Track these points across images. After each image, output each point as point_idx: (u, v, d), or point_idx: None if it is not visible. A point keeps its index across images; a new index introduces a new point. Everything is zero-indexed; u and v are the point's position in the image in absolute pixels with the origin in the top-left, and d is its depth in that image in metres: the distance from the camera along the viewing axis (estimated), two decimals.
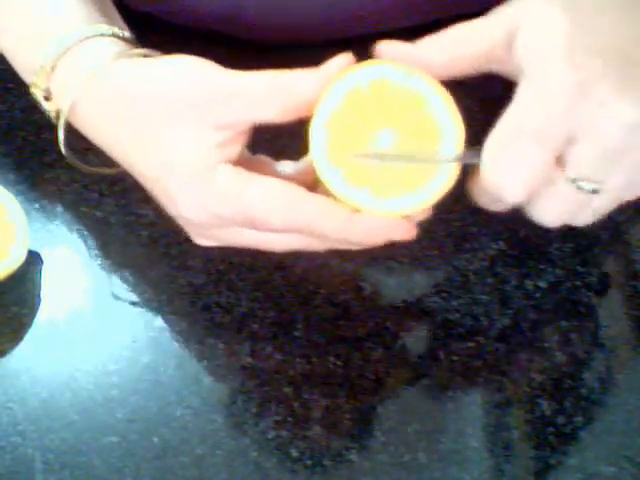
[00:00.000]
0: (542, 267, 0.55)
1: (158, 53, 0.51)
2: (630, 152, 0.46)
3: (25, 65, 0.53)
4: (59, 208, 0.57)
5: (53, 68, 0.51)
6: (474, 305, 0.53)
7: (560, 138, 0.45)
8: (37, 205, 0.57)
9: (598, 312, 0.54)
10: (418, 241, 0.55)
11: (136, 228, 0.56)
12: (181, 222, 0.51)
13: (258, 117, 0.48)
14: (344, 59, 0.47)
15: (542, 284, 0.54)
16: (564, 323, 0.53)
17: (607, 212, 0.49)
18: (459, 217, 0.57)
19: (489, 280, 0.54)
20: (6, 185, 0.56)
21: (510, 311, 0.53)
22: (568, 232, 0.56)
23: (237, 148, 0.49)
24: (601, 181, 0.46)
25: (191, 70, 0.48)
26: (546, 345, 0.52)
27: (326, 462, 0.48)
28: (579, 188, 0.46)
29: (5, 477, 0.48)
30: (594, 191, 0.46)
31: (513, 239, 0.56)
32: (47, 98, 0.52)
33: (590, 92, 0.44)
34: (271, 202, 0.47)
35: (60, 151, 0.53)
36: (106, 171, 0.55)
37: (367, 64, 0.47)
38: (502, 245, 0.56)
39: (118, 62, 0.50)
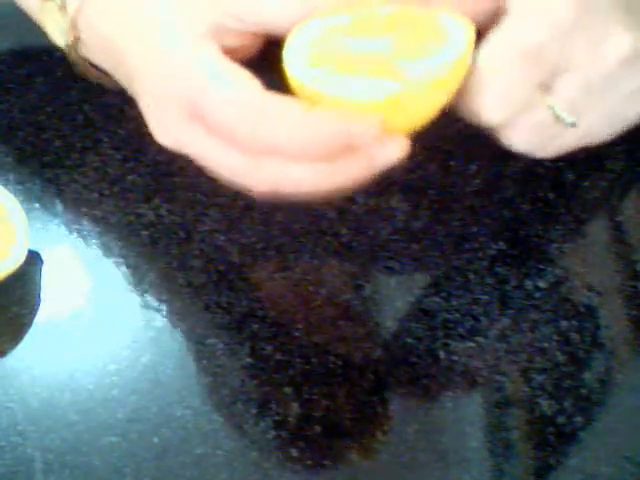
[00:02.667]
0: (542, 267, 0.55)
1: None
2: (615, 87, 0.46)
3: None
4: (59, 208, 0.57)
5: None
6: (474, 305, 0.53)
7: (552, 63, 0.45)
8: (37, 205, 0.57)
9: (598, 312, 0.54)
10: (418, 241, 0.56)
11: (136, 228, 0.56)
12: (148, 113, 0.50)
13: (274, 25, 0.47)
14: None
15: (542, 284, 0.54)
16: (564, 323, 0.53)
17: (571, 150, 0.48)
18: (459, 217, 0.57)
19: (489, 280, 0.54)
20: (6, 185, 0.56)
21: (510, 311, 0.53)
22: (568, 232, 0.56)
23: (234, 41, 0.48)
24: (580, 113, 0.46)
25: None
26: (546, 345, 0.52)
27: (326, 462, 0.48)
28: (558, 117, 0.46)
29: (5, 477, 0.48)
30: (572, 124, 0.46)
31: (513, 239, 0.56)
32: (61, 9, 0.52)
33: (592, 19, 0.45)
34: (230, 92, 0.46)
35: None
36: (106, 81, 0.55)
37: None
38: (502, 245, 0.56)
39: None
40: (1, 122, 0.61)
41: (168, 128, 0.49)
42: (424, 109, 0.46)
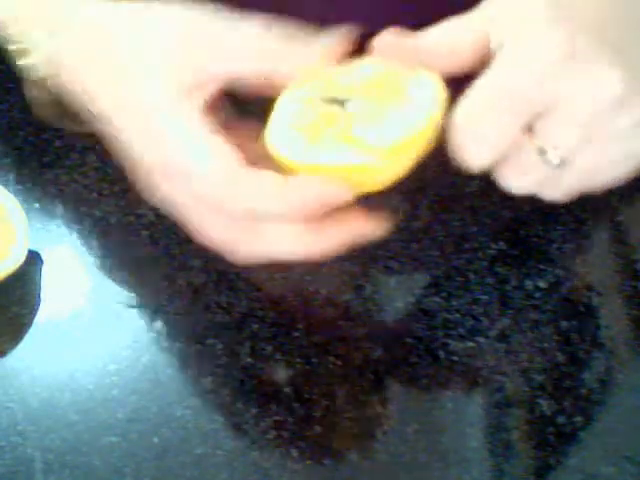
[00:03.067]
0: (542, 267, 0.55)
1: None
2: (608, 127, 0.45)
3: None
4: (59, 208, 0.57)
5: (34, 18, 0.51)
6: (474, 305, 0.53)
7: (537, 104, 0.44)
8: (37, 205, 0.57)
9: (598, 312, 0.54)
10: (418, 241, 0.56)
11: (136, 228, 0.56)
12: (134, 173, 0.50)
13: (238, 72, 0.47)
14: (339, 38, 0.47)
15: (542, 284, 0.54)
16: (564, 323, 0.53)
17: (576, 193, 0.48)
18: (459, 217, 0.57)
19: (489, 280, 0.54)
20: (6, 185, 0.56)
21: (510, 311, 0.53)
22: (568, 232, 0.56)
23: (205, 96, 0.48)
24: (570, 153, 0.45)
25: (180, 18, 0.48)
26: (546, 345, 0.52)
27: (326, 462, 0.49)
28: (545, 158, 0.45)
29: (5, 477, 0.48)
30: (561, 163, 0.46)
31: (513, 239, 0.56)
32: (23, 52, 0.51)
33: (579, 60, 0.44)
34: (212, 163, 0.46)
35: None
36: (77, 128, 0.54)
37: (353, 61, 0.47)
38: (502, 245, 0.56)
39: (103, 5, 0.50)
40: (1, 122, 0.61)
41: (152, 189, 0.49)
42: (393, 171, 0.47)
